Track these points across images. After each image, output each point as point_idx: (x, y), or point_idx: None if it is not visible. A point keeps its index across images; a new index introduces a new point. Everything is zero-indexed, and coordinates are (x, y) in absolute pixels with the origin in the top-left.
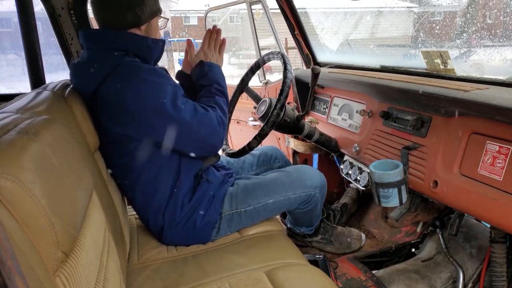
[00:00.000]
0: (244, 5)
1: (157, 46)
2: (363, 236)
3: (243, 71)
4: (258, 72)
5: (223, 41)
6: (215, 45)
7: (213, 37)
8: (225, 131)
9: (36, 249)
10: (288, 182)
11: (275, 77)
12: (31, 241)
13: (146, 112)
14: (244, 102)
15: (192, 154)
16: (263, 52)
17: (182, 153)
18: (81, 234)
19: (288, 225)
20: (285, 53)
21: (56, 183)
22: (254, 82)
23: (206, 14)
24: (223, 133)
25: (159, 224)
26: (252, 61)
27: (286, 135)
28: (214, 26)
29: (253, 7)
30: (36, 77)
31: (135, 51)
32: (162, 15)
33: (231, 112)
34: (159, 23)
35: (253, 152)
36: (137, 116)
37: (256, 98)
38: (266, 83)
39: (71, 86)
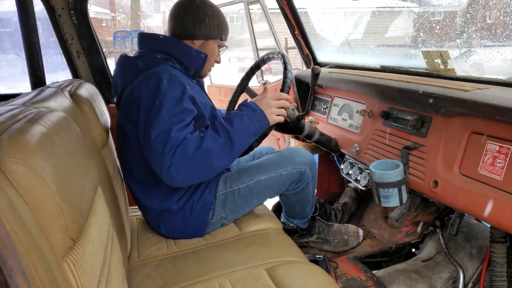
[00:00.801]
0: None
1: (199, 58)
2: (361, 231)
3: (243, 71)
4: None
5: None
6: (281, 102)
7: (287, 102)
8: (182, 164)
9: (46, 234)
10: (279, 160)
11: (271, 78)
12: (41, 226)
13: (141, 100)
14: None
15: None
16: (261, 53)
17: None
18: (87, 223)
19: (282, 220)
20: (285, 53)
21: (64, 172)
22: (253, 83)
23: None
24: (169, 160)
25: (157, 210)
26: (253, 60)
27: (286, 135)
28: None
29: (251, 7)
30: (36, 77)
31: (178, 56)
32: (222, 42)
33: None
34: (216, 49)
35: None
36: (136, 107)
37: None
38: (265, 83)
39: (77, 84)
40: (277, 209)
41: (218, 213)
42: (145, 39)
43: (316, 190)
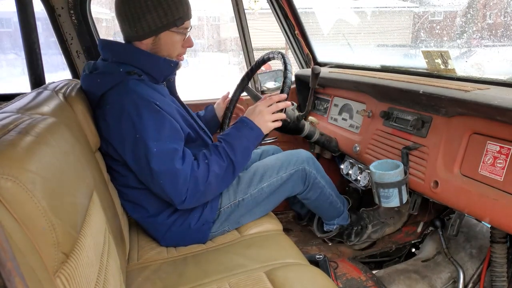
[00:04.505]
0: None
1: (168, 67)
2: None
3: (244, 71)
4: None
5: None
6: (273, 106)
7: (281, 104)
8: (196, 194)
9: (37, 250)
10: (277, 164)
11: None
12: (31, 242)
13: (120, 138)
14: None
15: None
16: (256, 54)
17: None
18: (81, 234)
19: (325, 228)
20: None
21: (56, 184)
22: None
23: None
24: (184, 194)
25: (154, 228)
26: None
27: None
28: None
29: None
30: (36, 77)
31: (144, 69)
32: (180, 28)
33: (231, 112)
34: (177, 38)
35: (255, 150)
36: (113, 137)
37: (256, 98)
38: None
39: (73, 85)
40: (317, 222)
41: (222, 227)
42: (107, 47)
43: (331, 183)
